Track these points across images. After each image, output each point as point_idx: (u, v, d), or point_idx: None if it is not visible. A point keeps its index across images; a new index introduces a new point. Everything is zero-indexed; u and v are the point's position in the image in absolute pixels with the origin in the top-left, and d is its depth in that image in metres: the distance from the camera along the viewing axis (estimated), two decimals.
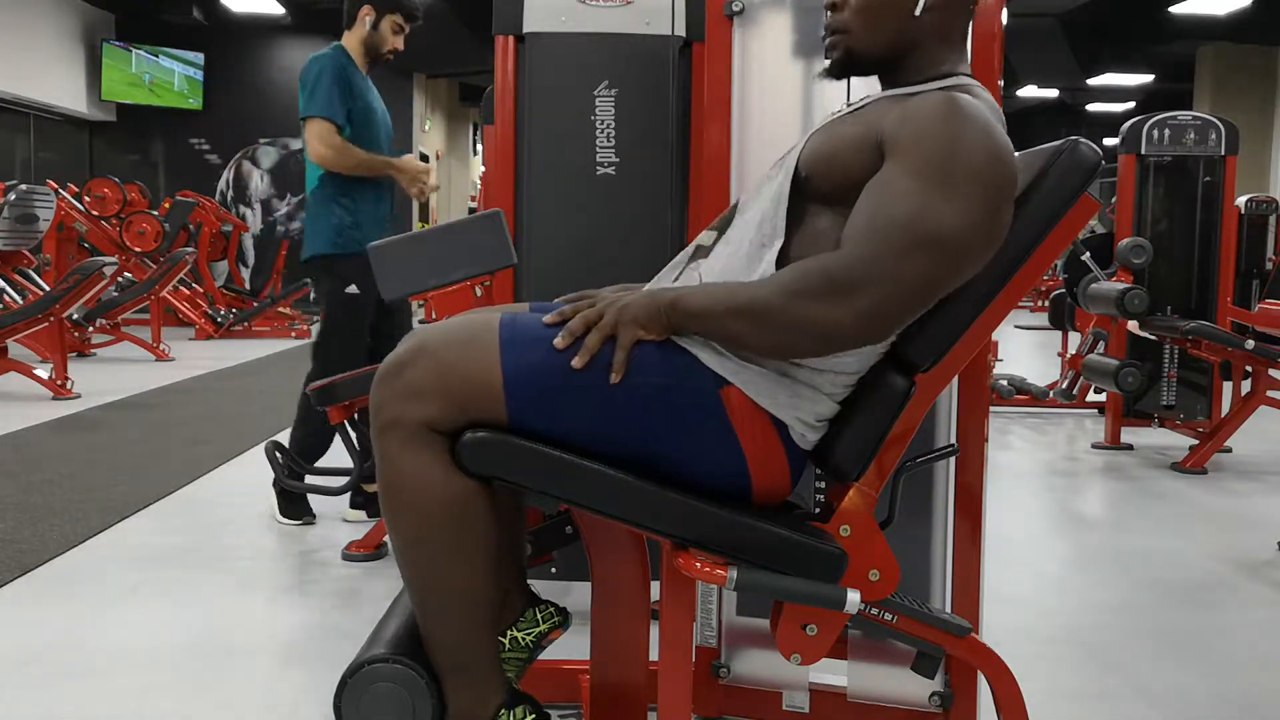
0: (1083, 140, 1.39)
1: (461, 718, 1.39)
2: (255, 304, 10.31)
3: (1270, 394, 4.75)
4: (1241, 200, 6.39)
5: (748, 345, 1.33)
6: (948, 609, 1.86)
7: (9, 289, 6.99)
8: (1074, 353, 6.07)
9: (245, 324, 9.70)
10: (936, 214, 1.26)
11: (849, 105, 1.53)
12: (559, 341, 1.33)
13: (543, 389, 1.33)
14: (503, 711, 1.39)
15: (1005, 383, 6.05)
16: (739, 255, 1.41)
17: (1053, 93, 14.86)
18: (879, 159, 1.33)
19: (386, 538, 3.19)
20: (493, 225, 1.98)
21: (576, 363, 1.31)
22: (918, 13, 1.42)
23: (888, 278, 1.25)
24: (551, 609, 1.57)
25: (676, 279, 1.48)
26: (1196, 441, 4.84)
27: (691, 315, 1.33)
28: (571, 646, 2.40)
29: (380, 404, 1.34)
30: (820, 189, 1.38)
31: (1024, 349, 9.49)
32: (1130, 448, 5.13)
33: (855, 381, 1.40)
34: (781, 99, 1.91)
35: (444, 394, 1.32)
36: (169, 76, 12.30)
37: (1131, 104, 15.98)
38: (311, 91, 3.43)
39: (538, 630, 1.54)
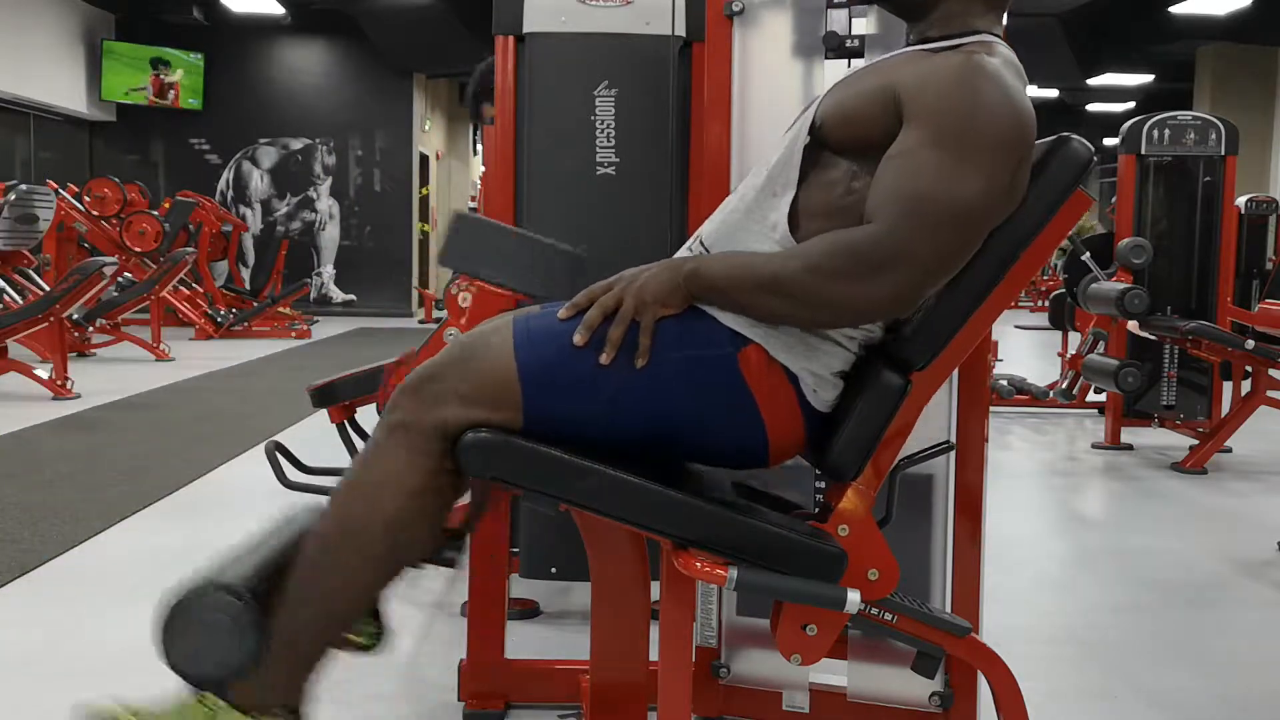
0: (1074, 136, 1.39)
1: (251, 688, 1.35)
2: (255, 304, 10.31)
3: (1270, 394, 4.75)
4: (1241, 200, 6.39)
5: (772, 317, 1.33)
6: (948, 609, 1.86)
7: (9, 289, 6.99)
8: (1074, 353, 6.07)
9: (245, 324, 9.70)
10: (961, 187, 1.26)
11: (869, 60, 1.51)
12: (578, 339, 1.32)
13: (559, 382, 1.32)
14: (279, 709, 1.36)
15: (1005, 383, 6.05)
16: (745, 201, 1.40)
17: (1053, 93, 14.85)
18: (895, 117, 1.32)
19: None
20: (571, 266, 1.92)
21: (604, 359, 1.31)
22: None
23: (916, 254, 1.26)
24: (372, 629, 1.49)
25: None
26: (1196, 441, 4.84)
27: (713, 288, 1.33)
28: (571, 646, 2.41)
29: (395, 406, 1.34)
30: (835, 141, 1.37)
31: (1024, 349, 9.49)
32: (1130, 448, 5.13)
33: (871, 333, 1.39)
34: (782, 99, 1.91)
35: (460, 397, 1.32)
36: (168, 76, 12.29)
37: (1131, 104, 15.97)
38: None
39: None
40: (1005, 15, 1.47)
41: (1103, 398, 5.48)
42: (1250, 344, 4.50)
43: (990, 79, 1.29)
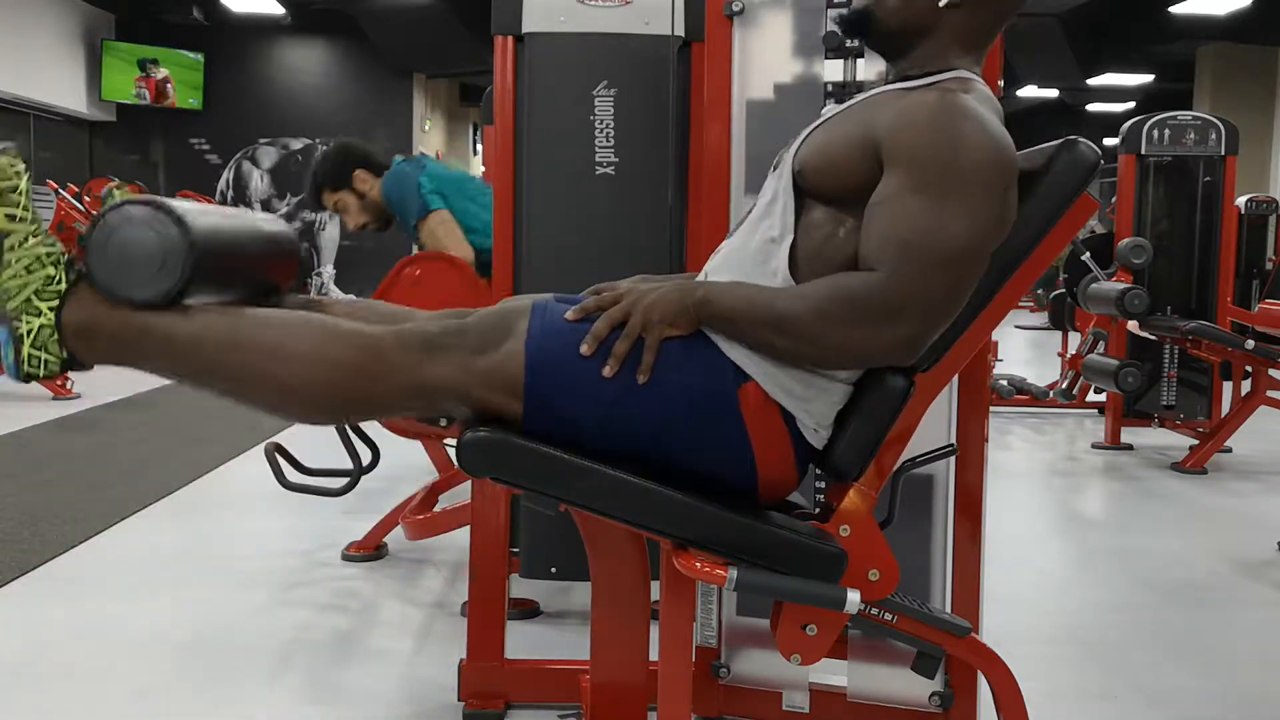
0: (1081, 140, 1.39)
1: (90, 306, 1.35)
2: None
3: (1270, 394, 4.75)
4: (1241, 200, 6.38)
5: (777, 354, 1.33)
6: (948, 609, 1.86)
7: None
8: (1074, 353, 6.08)
9: None
10: (948, 229, 1.26)
11: (854, 97, 1.52)
12: (585, 350, 1.32)
13: (560, 381, 1.33)
14: (65, 337, 1.36)
15: (1005, 383, 6.05)
16: (748, 250, 1.41)
17: (1053, 93, 14.84)
18: (875, 161, 1.32)
19: (386, 537, 3.20)
20: None
21: (607, 372, 1.32)
22: (942, 3, 1.41)
23: (915, 303, 1.26)
24: (60, 355, 1.43)
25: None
26: (1196, 441, 4.84)
27: (722, 318, 1.33)
28: (571, 646, 2.41)
29: (407, 338, 1.34)
30: (818, 187, 1.38)
31: (1024, 349, 9.49)
32: (1130, 448, 5.13)
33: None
34: (782, 99, 1.91)
35: (463, 365, 1.33)
36: (157, 74, 12.28)
37: (1131, 104, 15.96)
38: None
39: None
40: (985, 55, 1.47)
41: (1103, 398, 5.48)
42: (1250, 344, 4.50)
43: (967, 117, 1.29)
